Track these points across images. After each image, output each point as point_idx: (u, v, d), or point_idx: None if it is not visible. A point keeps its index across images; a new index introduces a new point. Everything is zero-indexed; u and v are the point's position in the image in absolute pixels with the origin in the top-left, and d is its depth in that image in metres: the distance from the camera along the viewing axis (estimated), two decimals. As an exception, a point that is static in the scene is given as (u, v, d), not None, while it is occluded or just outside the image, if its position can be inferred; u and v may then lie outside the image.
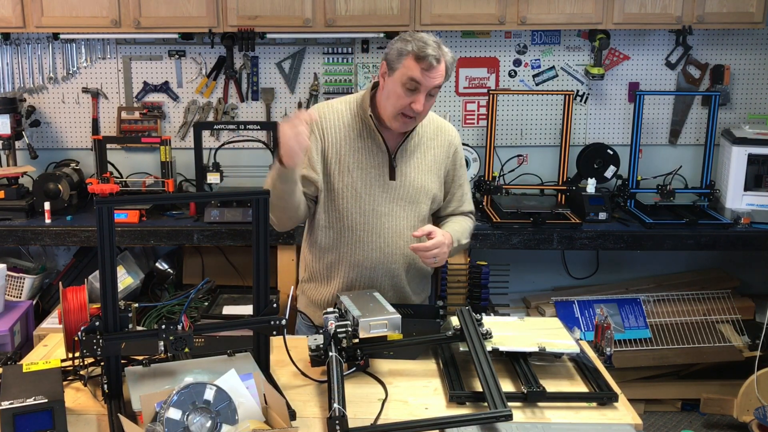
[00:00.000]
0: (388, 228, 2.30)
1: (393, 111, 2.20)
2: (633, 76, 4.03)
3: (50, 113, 3.98)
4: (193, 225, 3.50)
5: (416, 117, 2.21)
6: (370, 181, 2.29)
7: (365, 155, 2.29)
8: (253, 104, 3.99)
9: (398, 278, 2.35)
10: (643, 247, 3.53)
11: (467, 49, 3.98)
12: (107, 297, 1.67)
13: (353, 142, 2.29)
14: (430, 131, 2.38)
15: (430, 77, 2.13)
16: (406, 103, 2.16)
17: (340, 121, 2.31)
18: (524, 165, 4.09)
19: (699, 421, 3.76)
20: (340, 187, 2.28)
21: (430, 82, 2.14)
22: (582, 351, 2.05)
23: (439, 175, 2.38)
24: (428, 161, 2.35)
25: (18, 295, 3.70)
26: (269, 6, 3.57)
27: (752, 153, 3.68)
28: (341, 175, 2.28)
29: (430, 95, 2.19)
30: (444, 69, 2.17)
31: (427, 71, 2.12)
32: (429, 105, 2.21)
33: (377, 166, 2.30)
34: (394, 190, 2.31)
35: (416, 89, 2.15)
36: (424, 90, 2.15)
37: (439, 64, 2.14)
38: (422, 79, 2.13)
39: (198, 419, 1.55)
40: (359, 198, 2.28)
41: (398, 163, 2.31)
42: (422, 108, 2.17)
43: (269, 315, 1.83)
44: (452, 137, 2.41)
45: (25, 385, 1.65)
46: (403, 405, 1.85)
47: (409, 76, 2.13)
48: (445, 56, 2.16)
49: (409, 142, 2.33)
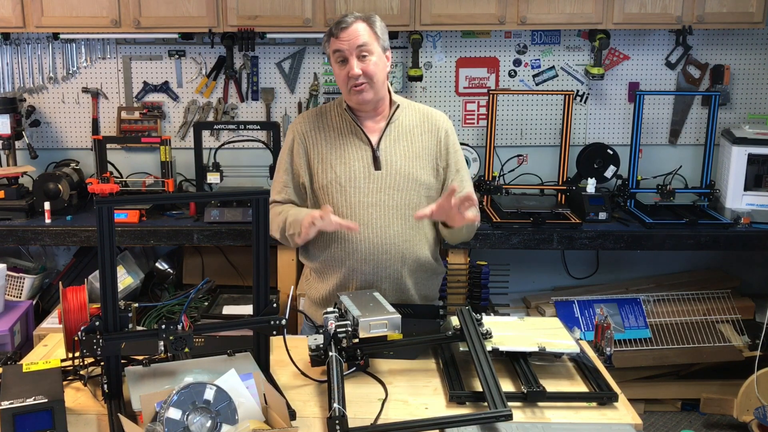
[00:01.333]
0: (377, 218, 2.29)
1: (344, 89, 2.31)
2: (633, 76, 4.03)
3: (50, 113, 3.98)
4: (193, 225, 3.50)
5: (366, 83, 2.26)
6: (354, 173, 2.30)
7: (347, 150, 2.32)
8: (253, 104, 3.99)
9: (394, 270, 2.31)
10: (643, 247, 3.53)
11: (467, 49, 3.98)
12: (107, 297, 1.67)
13: (334, 139, 2.34)
14: (416, 119, 2.39)
15: (346, 40, 2.24)
16: (345, 76, 2.26)
17: (320, 122, 2.37)
18: (524, 165, 4.09)
19: (699, 421, 3.76)
20: (324, 184, 2.31)
21: (350, 45, 2.24)
22: (582, 351, 2.05)
23: (430, 162, 2.36)
24: (416, 149, 2.35)
25: (18, 295, 3.70)
26: (269, 6, 3.57)
27: (752, 153, 3.68)
28: (324, 173, 2.32)
29: (363, 56, 2.25)
30: (364, 26, 2.26)
31: (341, 37, 2.24)
32: (371, 66, 2.26)
33: (360, 158, 2.31)
34: (381, 180, 2.31)
35: (344, 58, 2.26)
36: (350, 54, 2.24)
37: (352, 24, 2.25)
38: (340, 45, 2.25)
39: (198, 419, 1.55)
40: (344, 191, 2.29)
41: (383, 153, 2.32)
42: (358, 70, 2.23)
43: (269, 315, 1.83)
44: (439, 122, 2.40)
45: (25, 385, 1.65)
46: (403, 405, 1.85)
47: (333, 50, 2.28)
48: (360, 19, 2.27)
49: (392, 131, 2.34)
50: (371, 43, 2.25)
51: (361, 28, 2.25)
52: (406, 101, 2.43)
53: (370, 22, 2.27)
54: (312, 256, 2.40)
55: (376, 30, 2.28)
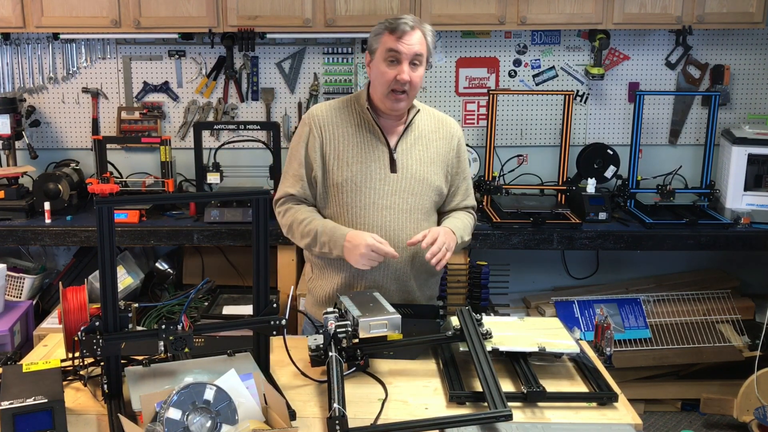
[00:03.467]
0: (390, 221, 2.29)
1: (383, 89, 2.25)
2: (633, 76, 4.03)
3: (50, 113, 3.98)
4: (193, 225, 3.50)
5: (407, 92, 2.24)
6: (370, 174, 2.29)
7: (364, 149, 2.30)
8: (253, 104, 3.99)
9: (401, 272, 2.32)
10: (643, 247, 3.53)
11: (467, 49, 3.98)
12: (107, 297, 1.67)
13: (351, 136, 2.31)
14: (432, 125, 2.40)
15: (406, 44, 2.20)
16: (391, 76, 2.22)
17: (338, 117, 2.33)
18: (524, 165, 4.09)
19: (699, 421, 3.76)
20: (339, 182, 2.29)
21: (409, 49, 2.20)
22: (582, 351, 2.05)
23: (443, 168, 2.38)
24: (431, 154, 2.36)
25: (18, 295, 3.70)
26: (269, 6, 3.57)
27: (752, 153, 3.68)
28: (340, 170, 2.29)
29: (414, 64, 2.22)
30: (421, 36, 2.23)
31: (402, 39, 2.20)
32: (417, 77, 2.24)
33: (377, 159, 2.30)
34: (396, 183, 2.30)
35: (397, 59, 2.21)
36: (405, 59, 2.20)
37: (413, 30, 2.21)
38: (399, 47, 2.20)
39: (198, 419, 1.56)
40: (359, 191, 2.28)
41: (399, 156, 2.31)
42: (408, 77, 2.21)
43: (269, 315, 1.83)
44: (454, 130, 2.43)
45: (25, 385, 1.65)
46: (403, 405, 1.85)
47: (386, 48, 2.22)
48: (421, 26, 2.24)
49: (409, 135, 2.34)
50: (425, 54, 2.25)
51: (420, 37, 2.23)
52: (423, 106, 2.43)
53: (426, 33, 2.26)
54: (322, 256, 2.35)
55: (428, 42, 2.27)
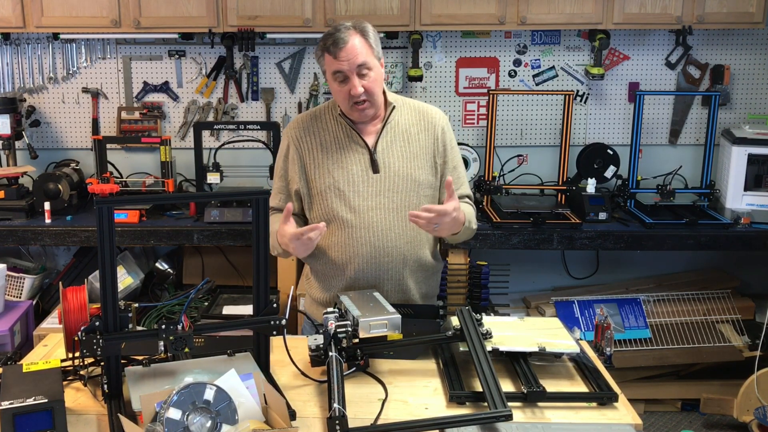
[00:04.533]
0: (377, 221, 2.28)
1: (345, 105, 2.27)
2: (633, 76, 4.03)
3: (50, 113, 3.98)
4: (193, 225, 3.50)
5: (368, 100, 2.24)
6: (352, 177, 2.29)
7: (344, 154, 2.31)
8: (253, 104, 3.99)
9: (396, 272, 2.31)
10: (643, 247, 3.53)
11: (467, 49, 3.98)
12: (107, 297, 1.67)
13: (330, 144, 2.32)
14: (412, 118, 2.37)
15: (345, 60, 2.18)
16: (346, 93, 2.22)
17: (316, 126, 2.35)
18: (524, 165, 4.09)
19: (699, 421, 3.76)
20: (323, 189, 2.30)
21: (351, 64, 2.19)
22: (582, 351, 2.05)
23: (429, 160, 2.35)
24: (413, 148, 2.33)
25: (18, 295, 3.70)
26: (269, 6, 3.57)
27: (752, 153, 3.68)
28: (322, 178, 2.30)
29: (362, 74, 2.21)
30: (361, 41, 2.20)
31: (339, 57, 2.18)
32: (371, 83, 2.23)
33: (357, 161, 2.30)
34: (379, 183, 2.29)
35: (344, 78, 2.21)
36: (351, 73, 2.20)
37: (346, 43, 2.18)
38: (341, 66, 2.19)
39: (198, 419, 1.55)
40: (343, 196, 2.28)
41: (380, 155, 2.31)
42: (360, 89, 2.20)
43: (269, 315, 1.83)
44: (435, 119, 2.38)
45: (25, 385, 1.65)
46: (403, 405, 1.85)
47: (331, 70, 2.22)
48: (358, 29, 2.21)
49: (388, 133, 2.33)
50: (369, 58, 2.21)
51: (358, 44, 2.19)
52: (401, 99, 2.40)
53: (364, 34, 2.21)
54: (313, 260, 2.38)
55: (370, 42, 2.23)
